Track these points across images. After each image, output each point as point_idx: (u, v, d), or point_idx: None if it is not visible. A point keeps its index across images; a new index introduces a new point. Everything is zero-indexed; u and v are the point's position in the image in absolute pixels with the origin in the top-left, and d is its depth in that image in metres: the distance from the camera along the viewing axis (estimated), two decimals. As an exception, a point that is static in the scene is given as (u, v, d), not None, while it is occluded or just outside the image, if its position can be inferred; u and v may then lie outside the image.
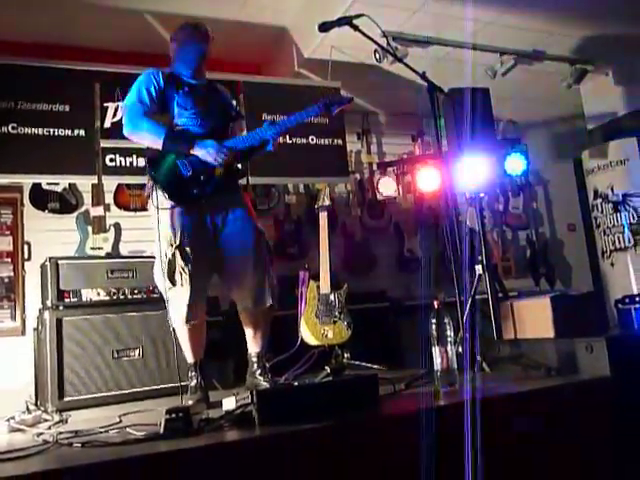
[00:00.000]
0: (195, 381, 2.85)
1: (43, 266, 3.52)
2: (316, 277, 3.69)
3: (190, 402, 2.72)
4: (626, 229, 4.97)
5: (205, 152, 2.73)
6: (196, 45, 2.93)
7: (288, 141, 4.58)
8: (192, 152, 2.74)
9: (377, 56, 4.12)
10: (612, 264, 5.09)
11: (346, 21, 2.89)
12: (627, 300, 3.15)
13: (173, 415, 1.96)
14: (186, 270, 2.72)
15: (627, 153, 5.03)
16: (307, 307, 3.63)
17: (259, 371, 2.97)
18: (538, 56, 4.85)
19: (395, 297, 4.84)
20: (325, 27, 2.96)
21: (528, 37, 4.63)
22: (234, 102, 3.22)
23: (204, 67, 3.01)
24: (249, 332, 3.02)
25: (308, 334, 3.57)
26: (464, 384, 2.38)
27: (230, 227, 2.86)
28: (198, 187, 2.77)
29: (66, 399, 3.16)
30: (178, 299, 2.76)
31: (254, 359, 3.01)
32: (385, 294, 4.77)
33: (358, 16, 2.88)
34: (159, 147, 2.75)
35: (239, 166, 2.98)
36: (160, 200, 2.74)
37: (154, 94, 2.85)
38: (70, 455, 1.86)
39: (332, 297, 3.60)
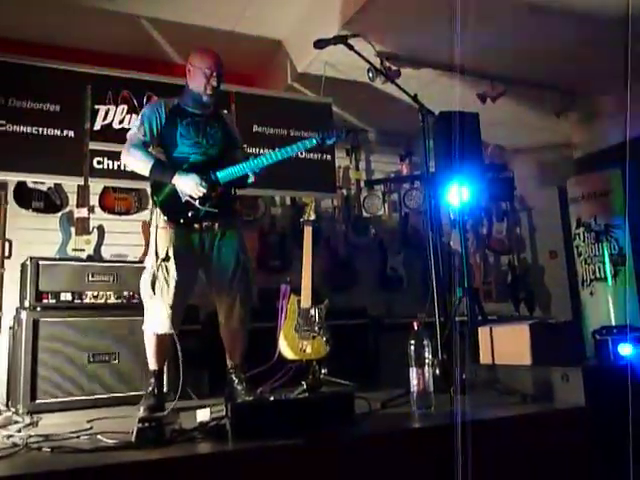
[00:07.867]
0: (151, 388, 2.93)
1: (23, 265, 3.49)
2: (297, 291, 3.68)
3: (142, 408, 2.79)
4: (607, 259, 5.02)
5: (184, 184, 2.85)
6: (203, 72, 2.96)
7: (278, 153, 4.58)
8: (173, 182, 2.85)
9: (370, 75, 4.14)
10: (591, 293, 5.14)
11: (341, 40, 2.92)
12: (604, 331, 3.17)
13: (146, 424, 1.94)
14: (169, 282, 2.85)
15: (611, 184, 5.09)
16: (287, 321, 3.62)
17: (237, 381, 3.05)
18: (528, 84, 4.91)
19: (376, 315, 4.83)
20: (320, 44, 2.99)
21: (519, 65, 4.69)
22: (236, 131, 3.27)
23: (213, 94, 3.00)
24: (228, 344, 3.11)
25: (286, 348, 3.56)
26: (440, 407, 2.38)
27: (216, 252, 2.99)
28: (193, 210, 2.89)
29: (38, 401, 3.13)
30: (157, 308, 2.87)
31: (232, 370, 3.08)
32: (366, 311, 4.75)
33: (353, 36, 2.92)
34: (147, 175, 2.90)
35: (235, 191, 3.10)
36: (158, 220, 2.89)
37: (154, 127, 2.97)
38: (39, 460, 1.83)
39: (312, 312, 3.60)
